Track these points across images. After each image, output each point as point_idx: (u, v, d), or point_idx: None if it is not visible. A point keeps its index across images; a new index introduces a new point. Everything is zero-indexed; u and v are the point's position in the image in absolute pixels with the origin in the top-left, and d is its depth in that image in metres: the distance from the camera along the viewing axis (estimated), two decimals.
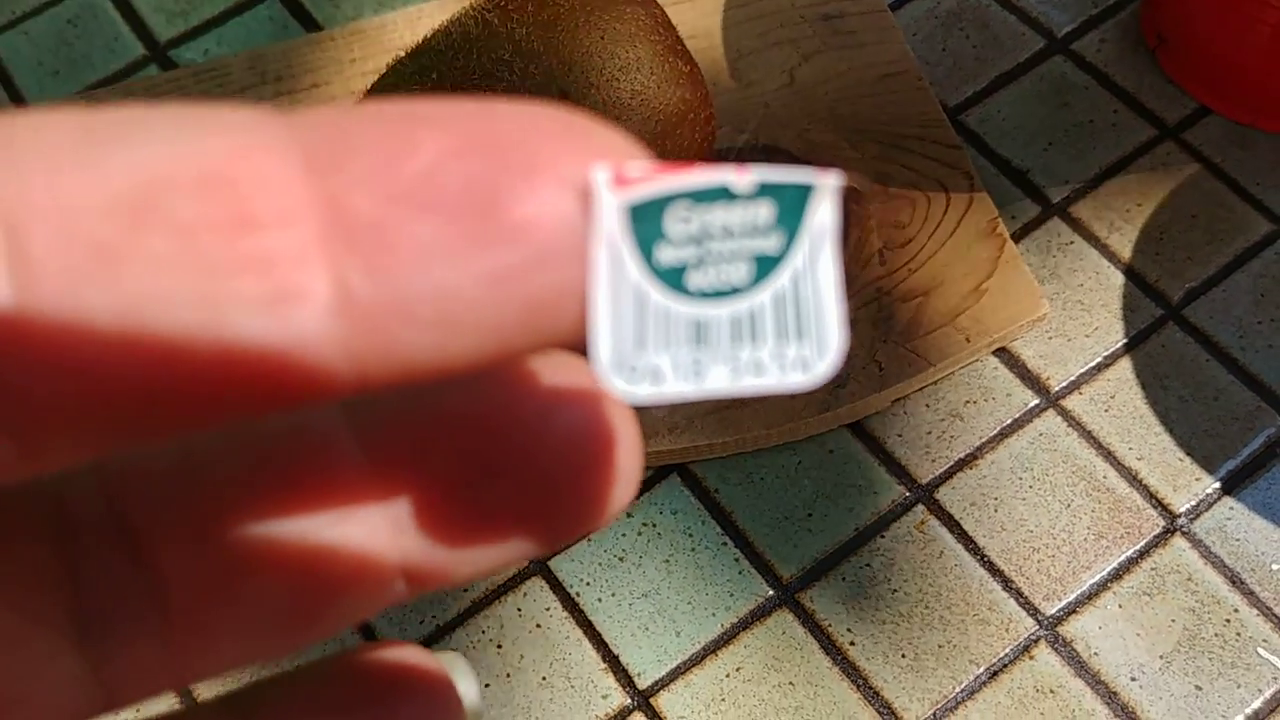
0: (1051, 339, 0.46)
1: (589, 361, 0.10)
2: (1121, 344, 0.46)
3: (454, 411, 0.12)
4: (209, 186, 0.09)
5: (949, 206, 0.47)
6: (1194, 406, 0.45)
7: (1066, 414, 0.45)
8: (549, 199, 0.09)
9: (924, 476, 0.44)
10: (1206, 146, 0.49)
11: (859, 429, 0.45)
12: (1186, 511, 0.43)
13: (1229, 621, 0.41)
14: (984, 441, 0.45)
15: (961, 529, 0.43)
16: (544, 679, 0.41)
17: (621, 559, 0.43)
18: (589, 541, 0.44)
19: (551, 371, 0.12)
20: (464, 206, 0.09)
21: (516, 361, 0.12)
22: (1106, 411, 0.45)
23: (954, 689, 0.41)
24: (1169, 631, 0.41)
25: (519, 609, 0.43)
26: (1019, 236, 0.49)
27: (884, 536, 0.43)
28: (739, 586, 0.42)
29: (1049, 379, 0.46)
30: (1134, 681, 0.41)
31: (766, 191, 0.10)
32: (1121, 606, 0.42)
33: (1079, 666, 0.41)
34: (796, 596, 0.42)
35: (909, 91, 0.50)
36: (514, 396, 0.12)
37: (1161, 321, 0.46)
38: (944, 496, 0.44)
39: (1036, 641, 0.41)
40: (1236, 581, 0.42)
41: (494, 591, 0.43)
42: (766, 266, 0.11)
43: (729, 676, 0.41)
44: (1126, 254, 0.48)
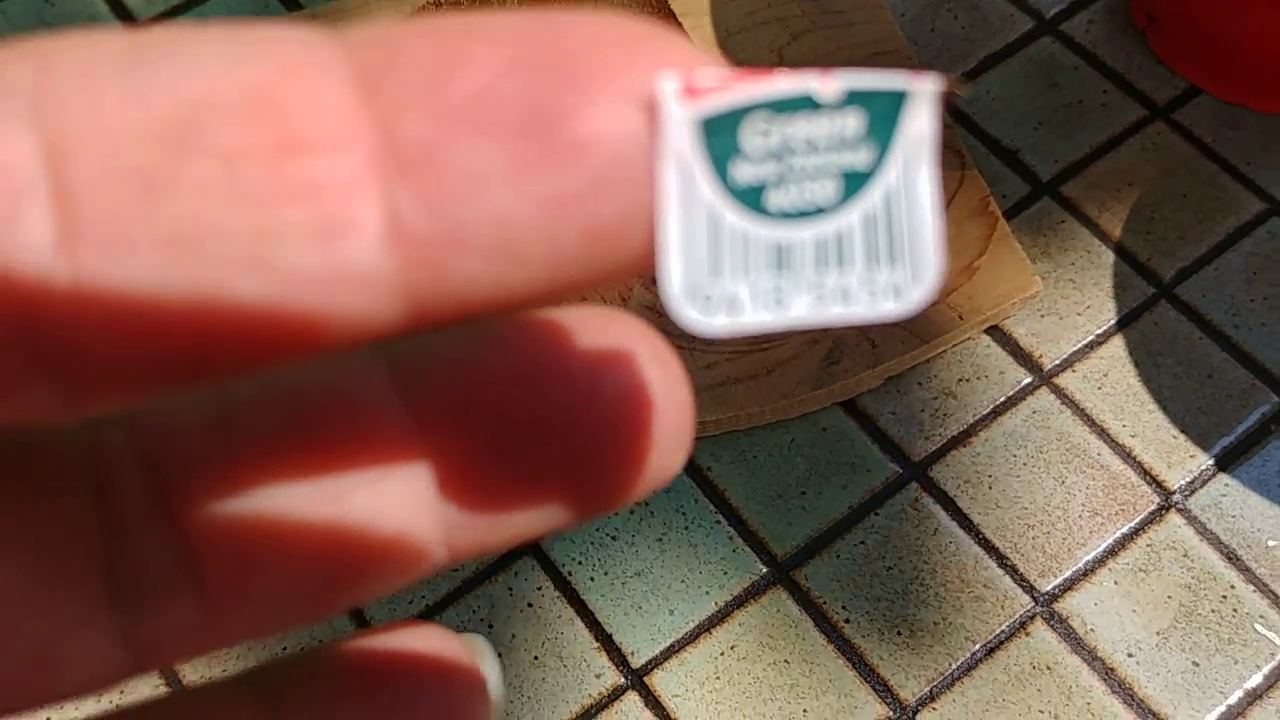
0: (1044, 317, 0.46)
1: (659, 290, 0.09)
2: (1114, 322, 0.46)
3: (499, 370, 0.12)
4: (254, 109, 0.09)
5: (940, 184, 0.47)
6: (1187, 384, 0.45)
7: (1059, 391, 0.45)
8: (611, 114, 0.09)
9: (918, 454, 0.44)
10: (1197, 126, 0.49)
11: (852, 407, 0.44)
12: (1182, 488, 0.43)
13: (1225, 598, 0.41)
14: (977, 419, 0.44)
15: (956, 506, 0.43)
16: (536, 659, 0.41)
17: (614, 538, 0.43)
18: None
19: (600, 329, 0.12)
20: (520, 126, 0.09)
21: (566, 318, 0.12)
22: (1099, 389, 0.45)
23: (950, 666, 0.40)
24: (1165, 608, 0.41)
25: (510, 588, 0.42)
26: (1010, 215, 0.48)
27: (878, 514, 0.43)
28: (732, 564, 0.42)
29: (1041, 357, 0.45)
30: (1131, 658, 0.40)
31: (855, 100, 0.09)
32: (1117, 583, 0.41)
33: (1075, 643, 0.41)
34: (791, 574, 0.42)
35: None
36: (561, 356, 0.12)
37: (1154, 300, 0.46)
38: (938, 474, 0.43)
39: (1032, 618, 0.41)
40: (1233, 558, 0.42)
41: (485, 571, 0.42)
42: (856, 183, 0.10)
43: (723, 655, 0.41)
44: (1117, 233, 0.48)
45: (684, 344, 0.43)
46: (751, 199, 0.09)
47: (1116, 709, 0.39)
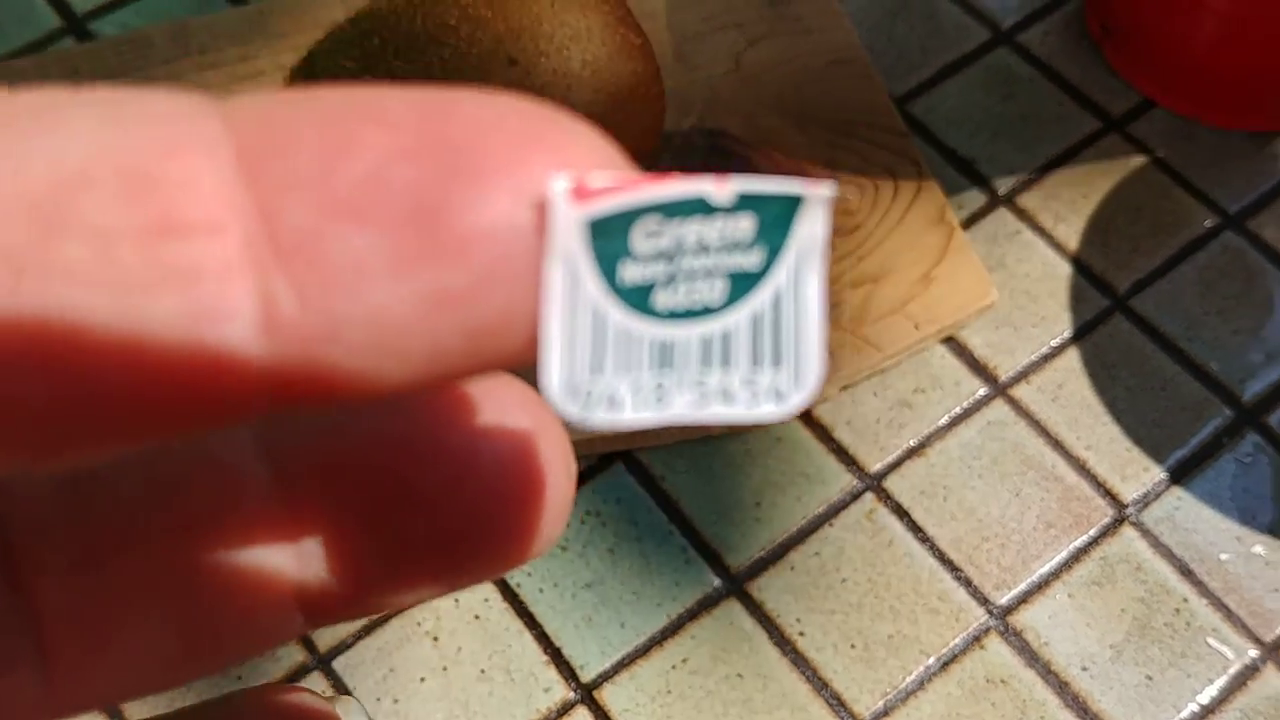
0: (999, 328, 0.46)
1: (540, 387, 0.09)
2: (1069, 334, 0.46)
3: (375, 436, 0.12)
4: (132, 187, 0.08)
5: (897, 193, 0.47)
6: (1142, 397, 0.44)
7: (1015, 403, 0.44)
8: (499, 211, 0.08)
9: (873, 465, 0.43)
10: (1151, 139, 0.49)
11: (807, 417, 0.44)
12: (1135, 501, 0.43)
13: (1179, 611, 0.41)
14: (933, 430, 0.44)
15: (911, 518, 0.42)
16: (483, 672, 0.40)
17: (564, 548, 0.42)
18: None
19: (484, 395, 0.12)
20: (405, 217, 0.08)
21: (455, 389, 0.11)
22: (1054, 401, 0.44)
23: (904, 679, 0.40)
24: (1119, 621, 0.41)
25: (456, 600, 0.41)
26: (966, 225, 0.48)
27: (833, 525, 0.42)
28: (685, 576, 0.41)
29: (997, 368, 0.45)
30: (1085, 671, 0.40)
31: (748, 203, 0.09)
32: (1072, 596, 0.41)
33: (1030, 657, 0.40)
34: (744, 587, 0.41)
35: (856, 79, 0.50)
36: (440, 422, 0.11)
37: (1109, 312, 0.46)
38: (893, 485, 0.43)
39: (987, 631, 0.41)
40: (1186, 571, 0.41)
41: None
42: (745, 285, 0.10)
43: (675, 669, 0.40)
44: (1073, 244, 0.47)
45: None
46: (638, 299, 0.09)
47: None
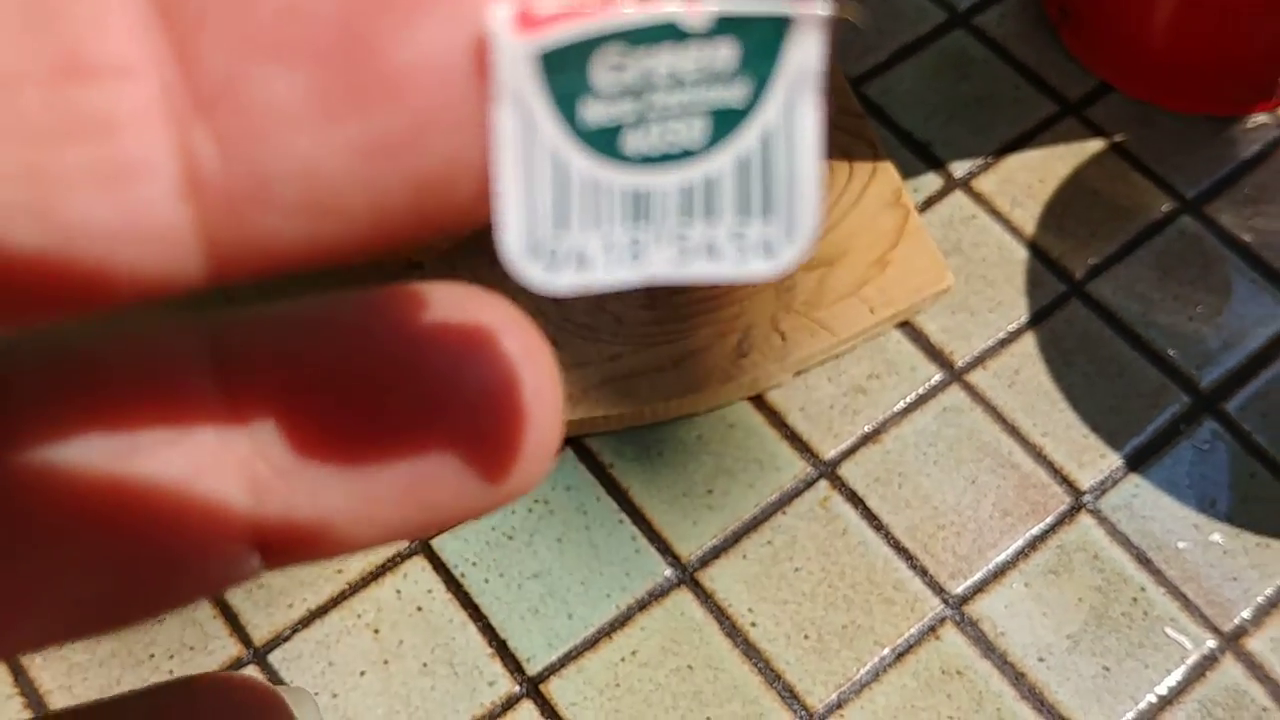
0: (955, 313, 0.45)
1: (496, 246, 0.08)
2: (1025, 319, 0.45)
3: (340, 347, 0.10)
4: (32, 20, 0.07)
5: (852, 175, 0.46)
6: (1099, 383, 0.44)
7: (971, 389, 0.44)
8: (434, 43, 0.07)
9: (827, 452, 0.42)
10: (1108, 123, 0.49)
11: (761, 402, 0.43)
12: (1092, 489, 0.42)
13: (1136, 600, 0.40)
14: (888, 416, 0.43)
15: (865, 506, 0.41)
16: (425, 665, 0.38)
17: (510, 537, 0.40)
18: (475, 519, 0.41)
19: (467, 312, 0.10)
20: (331, 54, 0.07)
21: (415, 297, 0.10)
22: (1011, 387, 0.44)
23: (858, 671, 0.39)
24: (1076, 610, 0.40)
25: (398, 590, 0.39)
26: (921, 208, 0.47)
27: (786, 513, 0.41)
28: (635, 566, 0.40)
29: (953, 353, 0.44)
30: (1041, 662, 0.39)
31: (728, 27, 0.08)
32: (1028, 585, 0.40)
33: (986, 647, 0.39)
34: (695, 576, 0.40)
35: None
36: (416, 336, 0.10)
37: (1065, 297, 0.45)
38: (847, 472, 0.42)
39: (943, 621, 0.40)
40: (1143, 560, 0.41)
41: (371, 573, 0.40)
42: (728, 123, 0.08)
43: (624, 661, 0.39)
44: (1030, 229, 0.47)
45: (586, 333, 0.41)
46: (604, 142, 0.08)
47: (1027, 715, 0.38)
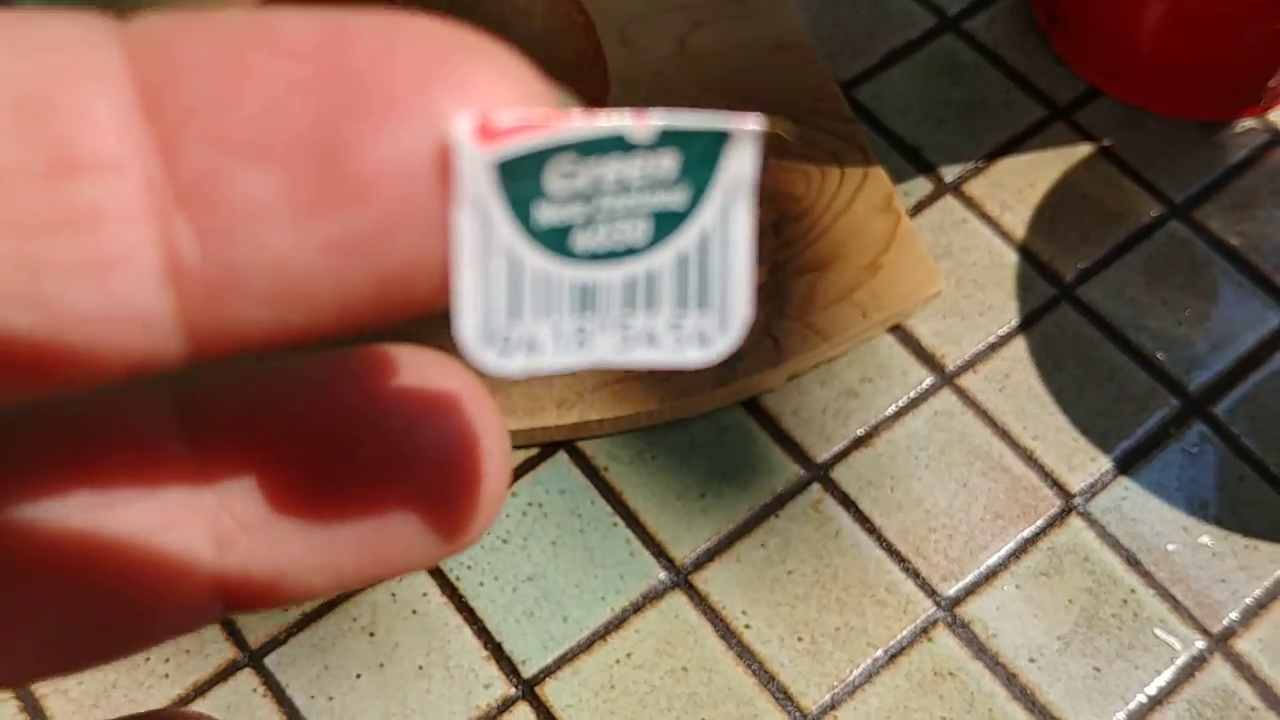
0: (946, 317, 0.45)
1: (454, 333, 0.09)
2: (1016, 323, 0.45)
3: (301, 410, 0.11)
4: (27, 119, 0.08)
5: (843, 180, 0.46)
6: (1088, 386, 0.44)
7: (962, 393, 0.44)
8: (400, 151, 0.08)
9: (820, 455, 0.43)
10: (1097, 128, 0.49)
11: (754, 406, 0.43)
12: (1083, 491, 0.42)
13: (1126, 602, 0.40)
14: (880, 420, 0.43)
15: (858, 509, 0.42)
16: (420, 668, 0.39)
17: (505, 541, 0.41)
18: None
19: (421, 375, 0.11)
20: (304, 156, 0.08)
21: (378, 360, 0.11)
22: (1001, 391, 0.44)
23: (851, 672, 0.39)
24: (1067, 612, 0.40)
25: (393, 594, 0.40)
26: (912, 213, 0.48)
27: (779, 516, 0.41)
28: (630, 569, 0.40)
29: (944, 357, 0.45)
30: (1033, 663, 0.40)
31: (671, 140, 0.09)
32: (1019, 587, 0.41)
33: (978, 649, 0.40)
34: (690, 579, 0.40)
35: (802, 64, 0.49)
36: (374, 399, 0.11)
37: (1055, 301, 0.46)
38: (840, 475, 0.42)
39: (935, 623, 0.40)
40: (1133, 562, 0.41)
41: None
42: (669, 224, 0.09)
43: (619, 663, 0.39)
44: (1020, 233, 0.47)
45: None
46: (555, 241, 0.09)
47: (1019, 715, 0.39)
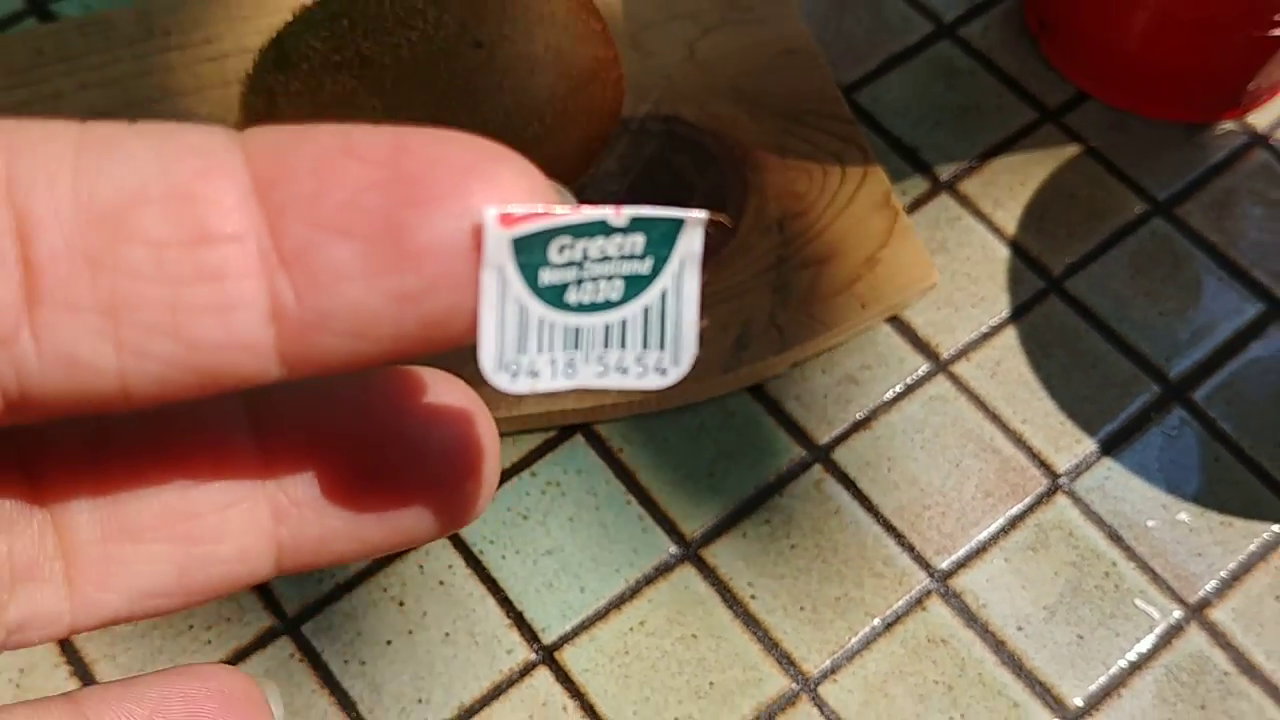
0: (940, 309, 0.48)
1: (478, 361, 0.12)
2: (1007, 314, 0.48)
3: (346, 416, 0.15)
4: (176, 204, 0.11)
5: (844, 179, 0.49)
6: (1075, 373, 0.47)
7: (956, 379, 0.47)
8: (446, 230, 0.11)
9: (821, 438, 0.45)
10: (1086, 130, 0.52)
11: (759, 392, 0.46)
12: (1068, 471, 0.45)
13: (1108, 575, 0.43)
14: (878, 405, 0.46)
15: (857, 488, 0.44)
16: (447, 635, 0.41)
17: (525, 517, 0.43)
18: (492, 500, 0.43)
19: (436, 392, 0.15)
20: (374, 234, 0.11)
21: (403, 379, 0.15)
22: (993, 377, 0.47)
23: (850, 639, 0.42)
24: (1052, 584, 0.43)
25: (421, 566, 0.42)
26: (909, 210, 0.50)
27: (783, 495, 0.44)
28: (643, 543, 0.43)
29: (939, 346, 0.47)
30: (1020, 631, 0.42)
31: (640, 225, 0.12)
32: (1008, 561, 0.43)
33: (968, 618, 0.42)
34: (699, 553, 0.43)
35: (806, 69, 0.52)
36: (401, 408, 0.15)
37: (1044, 293, 0.48)
38: (840, 457, 0.45)
39: (928, 594, 0.43)
40: (1115, 537, 0.44)
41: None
42: (638, 285, 0.12)
43: (632, 630, 0.41)
44: (1011, 229, 0.50)
45: None
46: (554, 296, 0.12)
47: (1006, 679, 0.41)
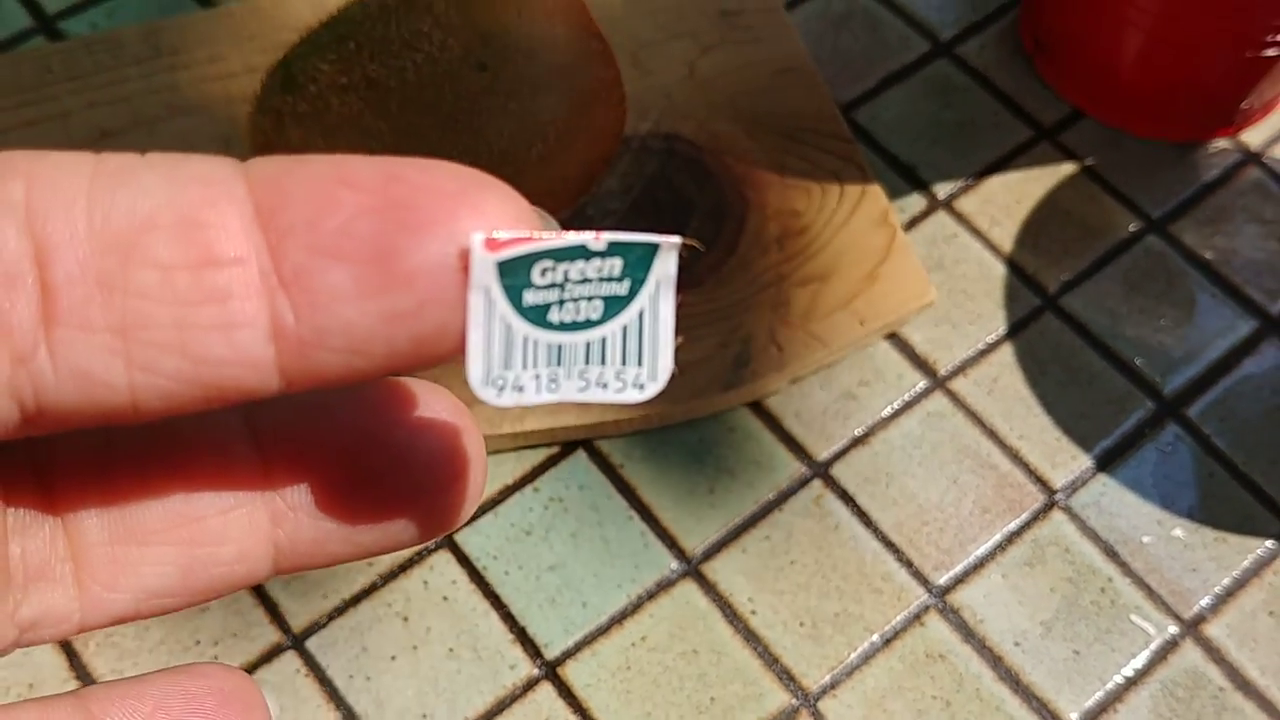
0: (938, 325, 0.48)
1: (466, 376, 0.13)
2: (1003, 331, 0.48)
3: (340, 427, 0.15)
4: (184, 230, 0.12)
5: (843, 197, 0.49)
6: (1070, 390, 0.47)
7: (953, 395, 0.47)
8: (435, 254, 0.12)
9: (820, 453, 0.46)
10: (1080, 148, 0.52)
11: (759, 408, 0.46)
12: (1064, 487, 0.45)
13: (1104, 590, 0.44)
14: (876, 421, 0.46)
15: (856, 504, 0.45)
16: (451, 650, 0.42)
17: (529, 533, 0.44)
18: (495, 515, 0.44)
19: (425, 405, 0.16)
20: (368, 258, 0.12)
21: (393, 391, 0.16)
22: (990, 394, 0.47)
23: (849, 655, 0.42)
24: (1049, 600, 0.43)
25: (425, 582, 0.43)
26: (907, 227, 0.51)
27: (783, 511, 0.45)
28: (644, 559, 0.43)
29: (936, 362, 0.48)
30: (1017, 646, 0.43)
31: (617, 249, 0.13)
32: (1005, 576, 0.44)
33: (966, 633, 0.43)
34: (700, 568, 0.43)
35: (804, 87, 0.52)
36: (391, 419, 0.15)
37: (1039, 310, 0.49)
38: (839, 473, 0.45)
39: (927, 610, 0.43)
40: (1111, 553, 0.44)
41: (400, 566, 0.43)
42: (616, 305, 0.13)
43: (634, 646, 0.42)
44: (1007, 246, 0.50)
45: None
46: (537, 315, 0.13)
47: (1004, 695, 0.42)
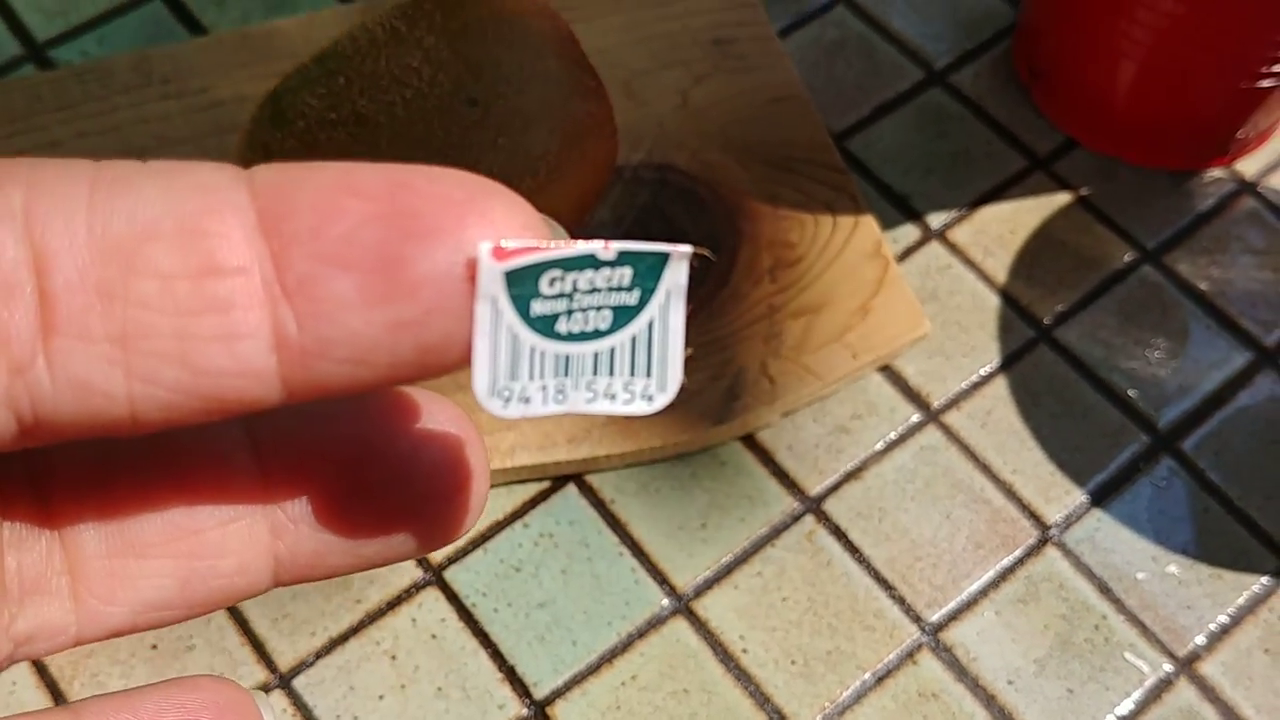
0: (931, 357, 0.48)
1: (472, 387, 0.12)
2: (997, 363, 0.48)
3: (341, 437, 0.15)
4: (185, 238, 0.11)
5: (835, 228, 0.49)
6: (1065, 423, 0.47)
7: (946, 429, 0.47)
8: (441, 264, 0.12)
9: (812, 488, 0.45)
10: (1075, 178, 0.52)
11: (750, 442, 0.46)
12: (1058, 523, 0.45)
13: (1098, 628, 0.43)
14: (869, 455, 0.46)
15: (848, 539, 0.44)
16: (439, 689, 0.41)
17: (518, 569, 0.43)
18: (485, 552, 0.44)
19: (428, 414, 0.15)
20: (373, 267, 0.11)
21: (400, 402, 0.15)
22: (983, 427, 0.47)
23: (842, 693, 0.42)
24: (1043, 637, 0.43)
25: (414, 620, 0.42)
26: (900, 259, 0.50)
27: (775, 546, 0.44)
28: (635, 596, 0.43)
29: (930, 395, 0.47)
30: (1011, 685, 0.42)
31: (627, 259, 0.12)
32: (999, 613, 0.43)
33: (959, 671, 0.42)
34: (691, 605, 0.43)
35: (797, 116, 0.52)
36: (392, 431, 0.15)
37: (1033, 342, 0.49)
38: (831, 507, 0.45)
39: (919, 648, 0.43)
40: (1105, 590, 0.44)
41: (388, 603, 0.43)
42: (626, 316, 0.13)
43: (625, 685, 0.42)
44: (1001, 278, 0.50)
45: None
46: (545, 326, 0.12)
47: None
